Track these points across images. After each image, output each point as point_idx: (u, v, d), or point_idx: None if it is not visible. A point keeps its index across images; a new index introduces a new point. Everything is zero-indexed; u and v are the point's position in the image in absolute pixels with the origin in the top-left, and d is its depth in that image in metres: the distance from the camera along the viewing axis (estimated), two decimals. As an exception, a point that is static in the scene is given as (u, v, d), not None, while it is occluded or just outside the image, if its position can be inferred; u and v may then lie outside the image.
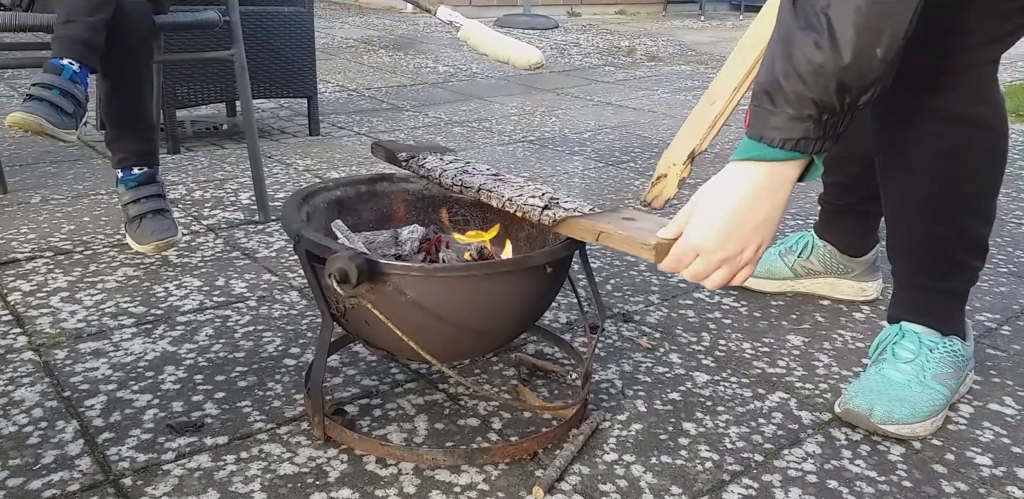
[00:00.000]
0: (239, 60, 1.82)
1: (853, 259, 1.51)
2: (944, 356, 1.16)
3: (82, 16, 1.41)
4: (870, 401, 1.10)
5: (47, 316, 1.37)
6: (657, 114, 3.24)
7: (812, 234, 1.54)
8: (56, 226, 1.78)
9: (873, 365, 1.18)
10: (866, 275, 1.53)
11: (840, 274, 1.53)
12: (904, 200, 1.15)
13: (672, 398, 1.18)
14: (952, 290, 1.18)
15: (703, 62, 4.69)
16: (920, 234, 1.16)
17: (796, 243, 1.55)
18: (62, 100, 1.36)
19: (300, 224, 1.03)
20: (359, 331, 1.06)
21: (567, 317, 1.44)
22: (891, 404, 1.09)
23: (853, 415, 1.11)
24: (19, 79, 3.32)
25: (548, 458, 1.03)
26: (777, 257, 1.55)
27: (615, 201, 2.10)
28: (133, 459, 1.00)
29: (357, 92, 3.54)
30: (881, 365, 1.17)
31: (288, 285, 1.53)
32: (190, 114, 2.87)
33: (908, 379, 1.13)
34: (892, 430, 1.09)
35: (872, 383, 1.14)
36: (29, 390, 1.15)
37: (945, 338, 1.17)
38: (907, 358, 1.15)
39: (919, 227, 1.15)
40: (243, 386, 1.18)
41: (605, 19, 7.15)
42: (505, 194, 1.06)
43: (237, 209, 1.95)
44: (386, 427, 1.09)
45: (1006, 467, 1.05)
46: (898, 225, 1.17)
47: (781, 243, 1.58)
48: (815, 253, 1.52)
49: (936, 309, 1.19)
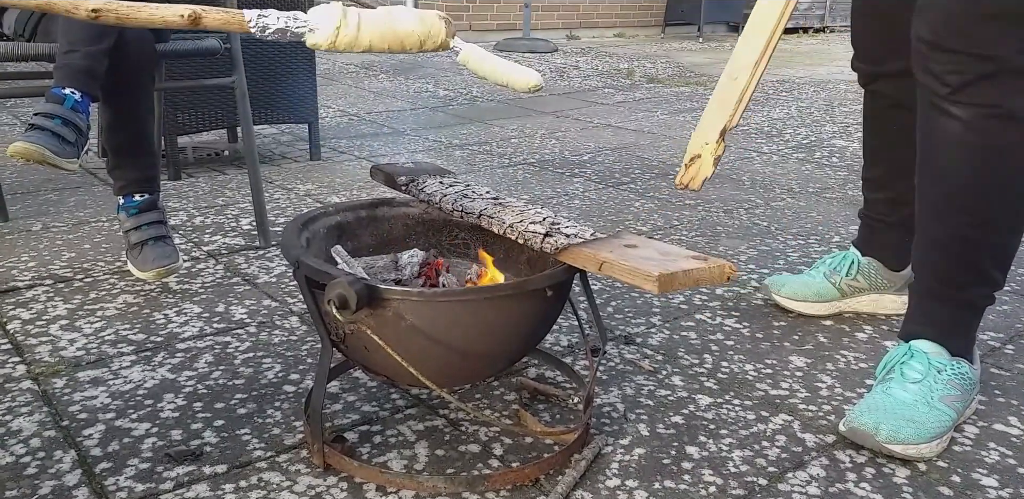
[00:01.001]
0: (240, 87, 1.83)
1: (896, 273, 1.52)
2: (951, 378, 1.15)
3: (83, 45, 1.42)
4: (876, 420, 1.09)
5: (46, 344, 1.37)
6: (657, 135, 3.25)
7: (855, 252, 1.54)
8: (56, 254, 1.79)
9: (880, 384, 1.18)
10: (905, 288, 1.51)
11: (883, 290, 1.54)
12: (940, 198, 1.14)
13: (675, 421, 1.18)
14: (970, 303, 1.18)
15: (702, 83, 4.72)
16: (951, 236, 1.14)
17: (840, 263, 1.54)
18: (64, 129, 1.36)
19: (300, 250, 1.03)
20: (359, 357, 1.05)
21: (568, 340, 1.44)
22: (898, 424, 1.08)
23: (859, 434, 1.10)
24: (22, 108, 3.35)
25: (550, 484, 1.02)
26: (823, 278, 1.54)
27: (616, 222, 2.10)
28: (131, 489, 0.99)
29: (358, 117, 3.56)
30: (888, 384, 1.16)
31: (288, 311, 1.53)
32: (191, 140, 2.89)
33: (915, 399, 1.12)
34: (898, 450, 1.08)
35: (879, 402, 1.13)
36: (27, 419, 1.14)
37: (953, 359, 1.17)
38: (915, 378, 1.15)
39: (951, 228, 1.14)
40: (242, 413, 1.17)
41: (604, 42, 7.21)
42: (506, 220, 1.06)
43: (238, 235, 1.95)
44: (386, 454, 1.08)
45: (1013, 489, 1.04)
46: (930, 226, 1.17)
47: (824, 264, 1.57)
48: (861, 271, 1.53)
49: (950, 323, 1.19)
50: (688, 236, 2.01)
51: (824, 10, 8.57)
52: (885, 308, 1.56)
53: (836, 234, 2.05)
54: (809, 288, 1.55)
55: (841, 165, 2.80)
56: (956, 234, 1.14)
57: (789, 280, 1.58)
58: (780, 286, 1.57)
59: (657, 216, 2.17)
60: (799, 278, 1.58)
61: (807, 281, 1.56)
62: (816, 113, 3.83)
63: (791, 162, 2.84)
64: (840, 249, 1.92)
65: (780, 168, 2.74)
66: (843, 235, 2.04)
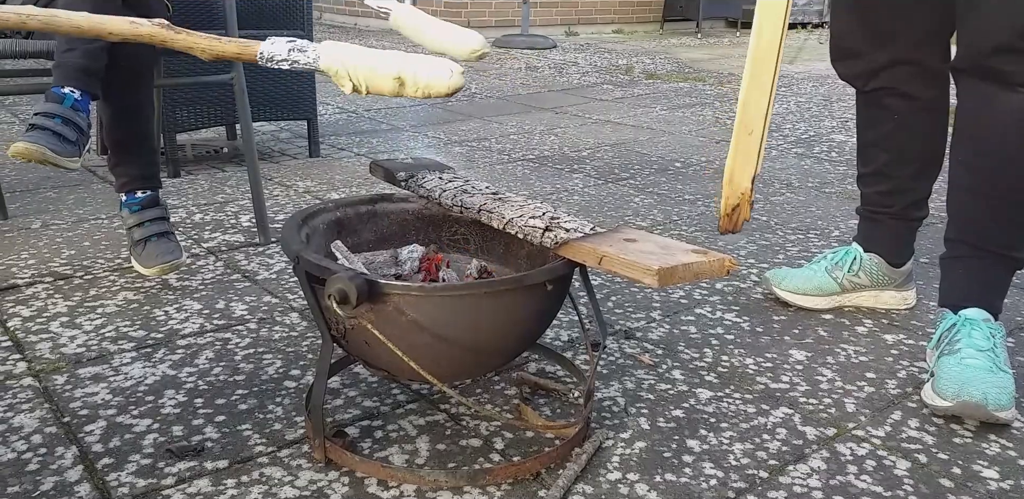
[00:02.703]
0: (239, 83, 1.83)
1: (896, 269, 1.54)
2: (1002, 341, 1.23)
3: (82, 43, 1.42)
4: (982, 391, 1.13)
5: (47, 341, 1.37)
6: (656, 131, 3.25)
7: (857, 248, 1.55)
8: (56, 251, 1.79)
9: (950, 356, 1.21)
10: (904, 284, 1.56)
11: (883, 286, 1.55)
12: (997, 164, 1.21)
13: (675, 415, 1.18)
14: (1015, 261, 1.26)
15: (701, 79, 4.72)
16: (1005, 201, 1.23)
17: (843, 258, 1.56)
18: (64, 128, 1.36)
19: (300, 245, 1.03)
20: (359, 352, 1.05)
21: (568, 335, 1.44)
22: (995, 392, 1.13)
23: (971, 407, 1.13)
24: (20, 106, 3.34)
25: (551, 478, 1.02)
26: (824, 273, 1.55)
27: (615, 218, 2.10)
28: (133, 485, 1.00)
29: (357, 113, 3.56)
30: (959, 356, 1.20)
31: (288, 307, 1.53)
32: (190, 138, 2.89)
33: (989, 366, 1.18)
34: (1004, 416, 1.13)
35: (966, 374, 1.16)
36: (28, 416, 1.14)
37: (998, 323, 1.25)
38: (982, 346, 1.20)
39: (1005, 194, 1.22)
40: (243, 409, 1.17)
41: (603, 38, 7.20)
42: (506, 215, 1.06)
43: (237, 232, 1.95)
44: (387, 449, 1.08)
45: (1013, 480, 1.04)
46: (980, 195, 1.24)
47: (825, 259, 1.58)
48: (863, 267, 1.53)
49: (994, 286, 1.28)
50: (688, 231, 2.01)
51: (822, 6, 8.55)
52: (885, 303, 1.56)
53: (835, 228, 2.05)
54: (810, 282, 1.55)
55: (840, 160, 2.80)
56: (1012, 199, 1.22)
57: (789, 274, 1.58)
58: (780, 279, 1.58)
59: (656, 211, 2.17)
60: (800, 272, 1.58)
61: (808, 275, 1.56)
62: (815, 108, 3.83)
63: (790, 157, 2.84)
64: (840, 243, 1.92)
65: (779, 163, 2.74)
66: (842, 230, 2.04)
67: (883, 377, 1.31)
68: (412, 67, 0.86)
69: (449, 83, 0.86)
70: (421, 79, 0.86)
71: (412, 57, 0.88)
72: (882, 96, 1.41)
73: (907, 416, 1.19)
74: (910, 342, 1.43)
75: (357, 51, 0.88)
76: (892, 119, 1.41)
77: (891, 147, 1.44)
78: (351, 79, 0.88)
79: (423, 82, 0.86)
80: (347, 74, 0.88)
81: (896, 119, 1.41)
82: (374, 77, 0.87)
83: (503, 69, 5.05)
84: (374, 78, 0.87)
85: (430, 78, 0.86)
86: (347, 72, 0.87)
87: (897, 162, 1.44)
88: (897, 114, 1.40)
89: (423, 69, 0.86)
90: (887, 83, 1.39)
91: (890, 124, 1.42)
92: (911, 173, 1.45)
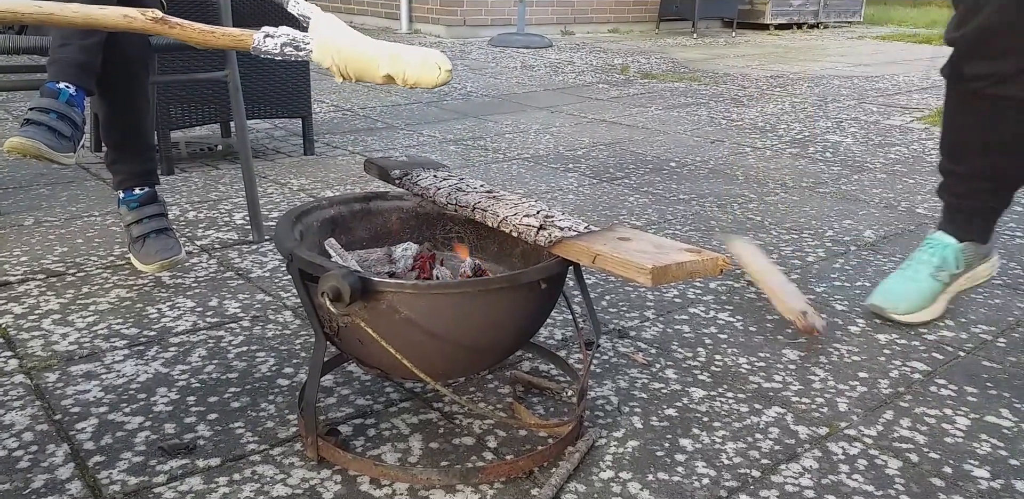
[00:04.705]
0: (233, 81, 1.83)
1: (984, 246, 1.54)
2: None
3: (77, 39, 1.42)
4: None
5: (39, 339, 1.36)
6: (651, 131, 3.25)
7: (949, 241, 1.51)
8: (49, 248, 1.78)
9: None
10: (991, 252, 1.58)
11: (975, 265, 1.55)
12: None
13: (668, 414, 1.18)
14: None
15: (696, 79, 4.72)
16: None
17: (943, 259, 1.51)
18: (59, 124, 1.36)
19: (293, 243, 1.03)
20: (353, 350, 1.05)
21: (562, 333, 1.44)
22: None
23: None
24: (14, 102, 3.33)
25: (544, 476, 1.02)
26: (930, 279, 1.50)
27: (610, 217, 2.10)
28: (124, 482, 0.99)
29: (352, 112, 3.55)
30: None
31: (282, 305, 1.53)
32: (185, 135, 2.88)
33: None
34: None
35: None
36: (19, 414, 1.14)
37: None
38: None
39: None
40: (236, 407, 1.17)
41: (598, 37, 7.21)
42: (500, 213, 1.06)
43: (231, 229, 1.95)
44: (380, 447, 1.08)
45: (1004, 480, 1.05)
46: None
47: (922, 265, 1.52)
48: (965, 258, 1.52)
49: None
50: (682, 231, 2.01)
51: (818, 6, 8.58)
52: (979, 278, 1.57)
53: (829, 228, 2.06)
54: (922, 296, 1.50)
55: (834, 160, 2.81)
56: None
57: (896, 297, 1.51)
58: (895, 305, 1.50)
59: (651, 211, 2.17)
60: (905, 290, 1.50)
61: (918, 289, 1.50)
62: (810, 108, 3.84)
63: (784, 157, 2.84)
64: (834, 243, 1.92)
65: (774, 163, 2.75)
66: (836, 229, 2.05)
67: (875, 377, 1.31)
68: (402, 65, 0.89)
69: (438, 80, 0.91)
70: (410, 77, 0.89)
71: (404, 53, 0.90)
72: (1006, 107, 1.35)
73: (899, 416, 1.19)
74: (903, 342, 1.44)
75: (349, 44, 0.90)
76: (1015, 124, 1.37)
77: (1011, 152, 1.41)
78: (342, 73, 0.91)
79: (412, 80, 0.90)
80: (338, 70, 0.91)
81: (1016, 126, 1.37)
82: (365, 74, 0.91)
83: (499, 68, 5.05)
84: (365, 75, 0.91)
85: (419, 76, 0.90)
86: (338, 68, 0.90)
87: (1009, 165, 1.44)
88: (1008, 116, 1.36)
89: (412, 66, 0.89)
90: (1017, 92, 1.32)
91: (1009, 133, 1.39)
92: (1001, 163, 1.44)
